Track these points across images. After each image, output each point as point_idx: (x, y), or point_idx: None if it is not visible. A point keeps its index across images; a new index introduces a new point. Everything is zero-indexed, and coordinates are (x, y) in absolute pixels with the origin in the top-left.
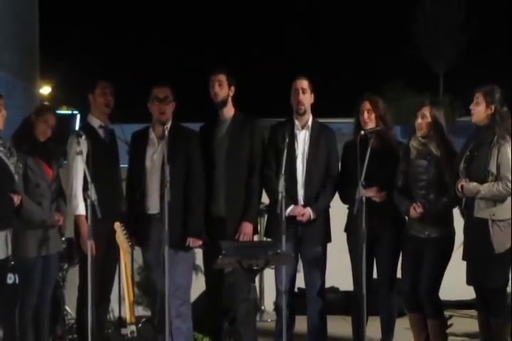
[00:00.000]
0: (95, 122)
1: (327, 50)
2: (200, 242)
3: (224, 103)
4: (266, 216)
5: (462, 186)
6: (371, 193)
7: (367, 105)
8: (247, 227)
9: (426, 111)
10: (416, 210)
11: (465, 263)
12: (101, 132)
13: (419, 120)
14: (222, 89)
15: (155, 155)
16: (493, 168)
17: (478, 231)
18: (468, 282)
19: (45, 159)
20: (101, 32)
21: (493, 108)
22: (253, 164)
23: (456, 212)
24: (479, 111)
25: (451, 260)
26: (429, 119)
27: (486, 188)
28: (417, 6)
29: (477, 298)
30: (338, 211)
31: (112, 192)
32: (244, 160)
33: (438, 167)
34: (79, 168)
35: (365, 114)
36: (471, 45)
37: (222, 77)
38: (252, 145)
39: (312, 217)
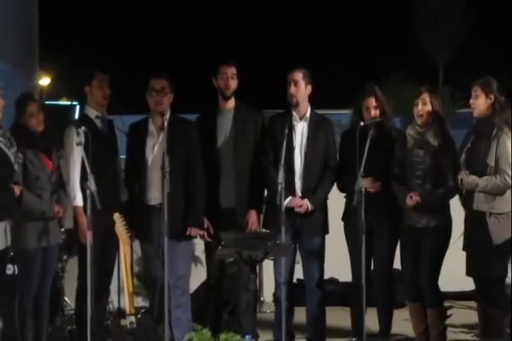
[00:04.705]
0: (92, 113)
1: (327, 40)
2: (201, 232)
3: (233, 94)
4: (264, 207)
5: (462, 179)
6: (366, 184)
7: (372, 102)
8: (255, 215)
9: (426, 97)
10: (412, 198)
11: (464, 254)
12: (98, 122)
13: (420, 106)
14: (235, 80)
15: (156, 147)
16: (491, 162)
17: (477, 223)
18: (468, 273)
19: (44, 151)
20: (100, 23)
21: (492, 97)
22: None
23: (454, 201)
24: (479, 103)
25: (451, 251)
26: (429, 106)
27: (484, 182)
28: None
29: (477, 289)
30: (337, 202)
31: (111, 183)
32: (251, 150)
33: (434, 157)
34: (76, 159)
35: (372, 111)
36: (471, 36)
37: (235, 70)
38: (257, 134)
39: (310, 208)
